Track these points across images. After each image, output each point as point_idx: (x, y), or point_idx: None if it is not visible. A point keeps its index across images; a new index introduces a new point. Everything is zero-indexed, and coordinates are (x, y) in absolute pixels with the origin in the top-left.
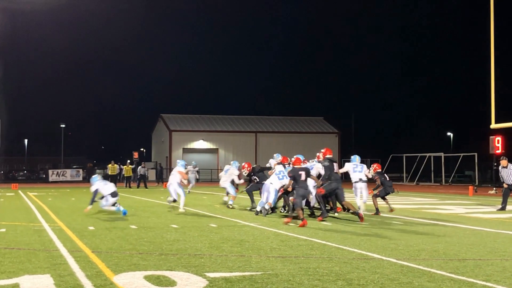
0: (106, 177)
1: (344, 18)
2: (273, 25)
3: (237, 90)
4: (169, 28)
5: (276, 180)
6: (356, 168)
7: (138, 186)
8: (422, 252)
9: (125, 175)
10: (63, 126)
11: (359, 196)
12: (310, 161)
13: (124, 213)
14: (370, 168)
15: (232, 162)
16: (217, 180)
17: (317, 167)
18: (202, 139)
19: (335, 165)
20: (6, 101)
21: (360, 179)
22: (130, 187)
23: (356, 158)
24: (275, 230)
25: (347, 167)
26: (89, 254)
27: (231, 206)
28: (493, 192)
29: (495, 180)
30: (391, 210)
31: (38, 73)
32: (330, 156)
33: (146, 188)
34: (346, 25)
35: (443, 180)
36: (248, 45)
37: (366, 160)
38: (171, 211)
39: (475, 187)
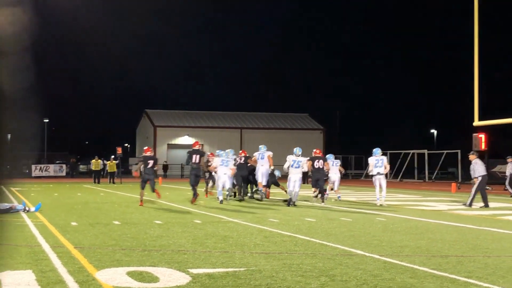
0: (90, 172)
1: (329, 14)
2: (258, 21)
3: (222, 86)
4: (154, 24)
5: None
6: (377, 164)
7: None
8: (405, 248)
9: (108, 171)
10: (47, 121)
11: (379, 188)
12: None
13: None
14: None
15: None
16: (201, 176)
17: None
18: (187, 135)
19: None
20: None
21: (378, 173)
22: (114, 182)
23: (378, 151)
24: (259, 226)
25: (371, 161)
26: (72, 250)
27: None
28: None
29: None
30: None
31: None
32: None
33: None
34: (331, 22)
35: (427, 177)
36: (233, 41)
37: (350, 157)
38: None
39: (458, 184)
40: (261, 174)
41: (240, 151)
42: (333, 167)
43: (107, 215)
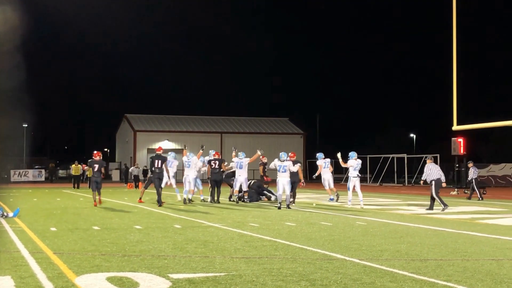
0: (69, 177)
1: (308, 18)
2: (237, 26)
3: (202, 90)
4: (134, 27)
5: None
6: (356, 167)
7: (135, 187)
8: (384, 252)
9: (88, 176)
10: (25, 125)
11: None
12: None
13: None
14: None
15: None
16: (182, 181)
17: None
18: (167, 139)
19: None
20: None
21: (358, 175)
22: None
23: (355, 154)
24: (239, 231)
25: (351, 163)
26: (51, 256)
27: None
28: (454, 193)
29: (457, 181)
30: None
31: None
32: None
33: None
34: (311, 25)
35: (406, 181)
36: (212, 46)
37: (332, 161)
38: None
39: None
40: (240, 183)
41: (214, 152)
42: (325, 169)
43: (86, 220)
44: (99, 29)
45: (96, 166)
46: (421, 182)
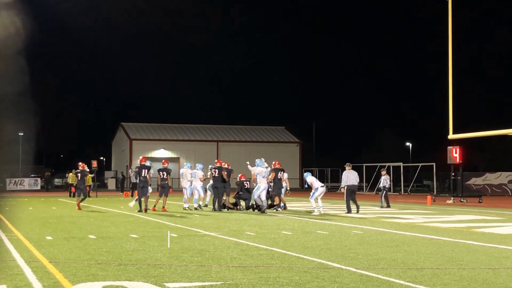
0: (66, 185)
1: (304, 26)
2: (234, 33)
3: (198, 99)
4: (130, 35)
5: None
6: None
7: (132, 195)
8: (381, 261)
9: (85, 184)
10: (21, 134)
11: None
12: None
13: None
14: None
15: (197, 164)
16: (178, 190)
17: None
18: (163, 148)
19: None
20: None
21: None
22: (89, 196)
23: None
24: (235, 240)
25: (311, 179)
26: (47, 265)
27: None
28: (451, 201)
29: (453, 190)
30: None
31: None
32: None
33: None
34: (307, 34)
35: (402, 190)
36: (209, 54)
37: (327, 170)
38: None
39: (433, 197)
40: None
41: (216, 160)
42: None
43: (82, 229)
44: (97, 37)
45: (79, 175)
46: (342, 189)
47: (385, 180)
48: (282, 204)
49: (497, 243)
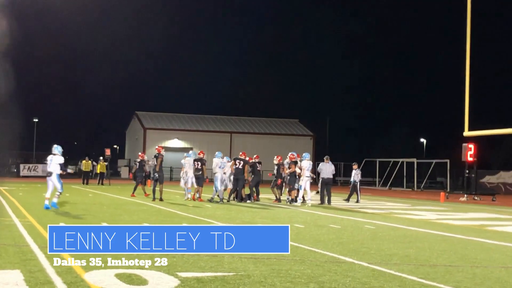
0: (79, 173)
1: (321, 19)
2: (249, 24)
3: (213, 90)
4: (145, 26)
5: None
6: (309, 168)
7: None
8: (393, 256)
9: (98, 172)
10: (36, 120)
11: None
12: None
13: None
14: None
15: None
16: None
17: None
18: (177, 138)
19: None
20: None
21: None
22: (102, 184)
23: (308, 156)
24: None
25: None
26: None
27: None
28: (464, 199)
29: (466, 187)
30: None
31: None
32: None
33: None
34: (323, 27)
35: (415, 186)
36: (224, 45)
37: (340, 164)
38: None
39: (447, 194)
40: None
41: (240, 153)
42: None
43: (95, 216)
44: (110, 26)
45: (138, 164)
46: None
47: (356, 175)
48: (299, 197)
49: (511, 242)
